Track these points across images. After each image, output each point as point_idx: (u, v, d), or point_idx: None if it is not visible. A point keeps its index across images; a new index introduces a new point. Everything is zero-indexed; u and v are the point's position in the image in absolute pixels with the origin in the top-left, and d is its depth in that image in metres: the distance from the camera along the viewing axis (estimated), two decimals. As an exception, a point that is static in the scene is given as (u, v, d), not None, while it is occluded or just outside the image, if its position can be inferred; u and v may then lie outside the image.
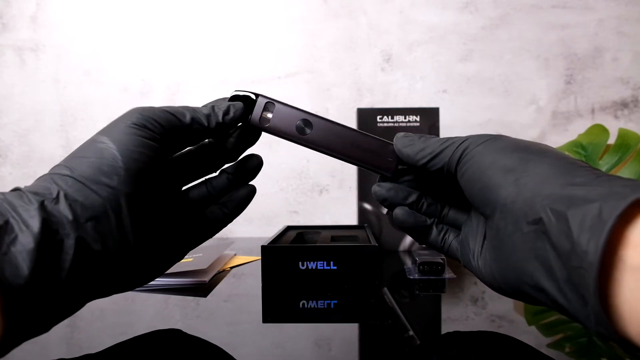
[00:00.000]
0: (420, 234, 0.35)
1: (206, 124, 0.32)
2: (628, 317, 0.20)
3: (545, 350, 0.32)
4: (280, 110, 0.35)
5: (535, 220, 0.24)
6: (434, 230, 0.35)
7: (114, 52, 0.92)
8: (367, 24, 0.91)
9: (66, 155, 0.30)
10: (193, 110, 0.32)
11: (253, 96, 0.35)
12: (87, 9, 0.92)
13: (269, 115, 0.35)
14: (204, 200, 0.35)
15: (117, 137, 0.29)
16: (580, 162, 0.27)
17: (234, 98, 0.35)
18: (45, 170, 0.28)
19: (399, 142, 0.34)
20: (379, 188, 0.35)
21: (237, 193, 0.36)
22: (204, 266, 0.51)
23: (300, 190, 0.92)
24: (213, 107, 0.33)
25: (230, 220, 0.36)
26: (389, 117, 0.68)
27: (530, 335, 0.36)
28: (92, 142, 0.29)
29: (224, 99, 0.35)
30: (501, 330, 0.36)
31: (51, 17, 0.92)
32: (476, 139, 0.30)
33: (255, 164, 0.36)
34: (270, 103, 0.35)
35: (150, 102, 0.92)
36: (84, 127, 0.93)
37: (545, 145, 0.30)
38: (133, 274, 0.30)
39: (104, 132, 0.30)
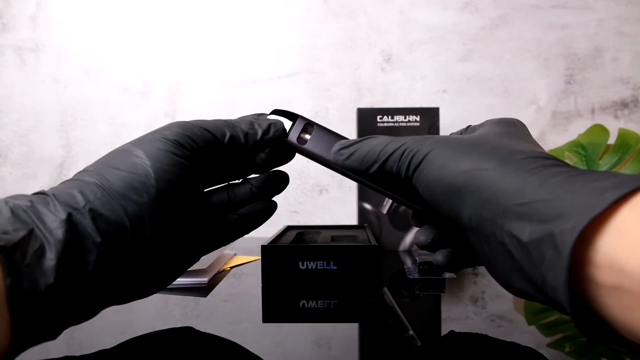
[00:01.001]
0: (460, 266, 0.33)
1: (243, 141, 0.32)
2: (620, 328, 0.20)
3: (545, 350, 0.32)
4: (318, 133, 0.34)
5: (503, 242, 0.23)
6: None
7: (114, 52, 0.92)
8: (367, 24, 0.91)
9: (66, 155, 0.29)
10: (232, 127, 0.31)
11: (292, 117, 0.34)
12: (87, 9, 0.92)
13: (307, 137, 0.34)
14: (223, 207, 0.35)
15: (153, 152, 0.28)
16: (529, 156, 0.25)
17: (274, 114, 0.34)
18: (45, 170, 0.28)
19: (338, 157, 0.32)
20: (424, 237, 0.32)
21: (257, 207, 0.35)
22: (204, 266, 0.51)
23: (300, 190, 0.92)
24: (253, 123, 0.32)
25: (246, 232, 0.36)
26: (389, 117, 0.68)
27: (530, 335, 0.36)
28: (126, 153, 0.28)
29: (262, 114, 0.35)
30: (501, 330, 0.36)
31: (51, 17, 0.92)
32: (421, 145, 0.28)
33: (281, 182, 0.36)
34: (309, 125, 0.34)
35: (150, 102, 0.92)
36: (84, 127, 0.93)
37: (500, 138, 0.28)
38: (150, 282, 0.30)
39: (139, 144, 0.29)
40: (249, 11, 0.92)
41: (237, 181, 0.36)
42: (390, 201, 0.37)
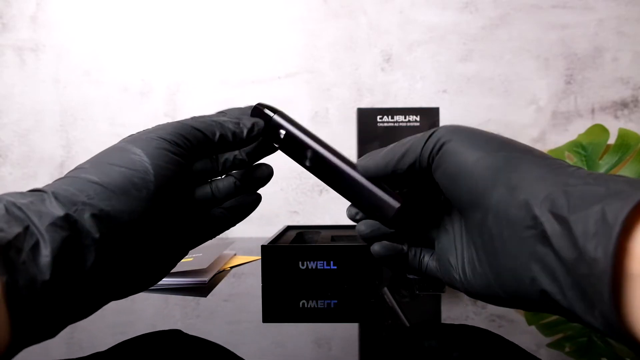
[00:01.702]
0: (398, 264, 0.34)
1: (231, 140, 0.32)
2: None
3: (545, 350, 0.32)
4: (290, 133, 0.35)
5: (534, 224, 0.23)
6: (410, 255, 0.34)
7: (114, 52, 0.92)
8: (367, 24, 0.91)
9: (66, 155, 0.30)
10: (221, 127, 0.32)
11: (271, 112, 0.35)
12: (87, 9, 0.92)
13: (282, 134, 0.35)
14: (207, 202, 0.35)
15: (150, 150, 0.28)
16: (564, 162, 0.26)
17: (256, 109, 0.35)
18: (45, 170, 0.28)
19: (363, 163, 0.33)
20: (364, 227, 0.34)
21: (242, 200, 0.36)
22: (204, 266, 0.51)
23: (300, 190, 0.92)
24: (238, 123, 0.33)
25: (232, 225, 0.36)
26: (389, 117, 0.68)
27: (531, 335, 0.36)
28: (123, 150, 0.29)
29: (244, 110, 0.35)
30: (501, 330, 0.36)
31: (51, 17, 0.92)
32: (448, 130, 0.29)
33: (265, 175, 0.36)
34: (285, 120, 0.35)
35: (150, 102, 0.92)
36: (84, 127, 0.93)
37: (520, 142, 0.29)
38: (146, 276, 0.31)
39: (135, 142, 0.29)
40: (249, 11, 0.92)
41: (220, 177, 0.36)
42: None
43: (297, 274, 0.48)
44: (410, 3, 0.91)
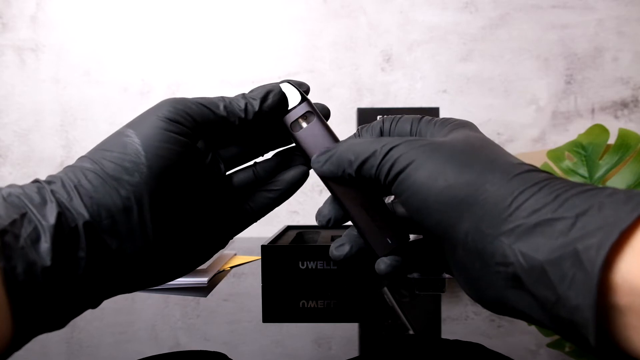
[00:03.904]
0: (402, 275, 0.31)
1: (243, 115, 0.30)
2: (633, 350, 0.19)
3: (545, 350, 0.32)
4: (315, 126, 0.31)
5: (504, 262, 0.22)
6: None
7: (114, 52, 0.92)
8: (367, 24, 0.91)
9: (66, 155, 0.29)
10: (229, 100, 0.30)
11: (300, 96, 0.32)
12: (87, 9, 0.92)
13: (303, 125, 0.31)
14: (249, 185, 0.33)
15: (144, 131, 0.27)
16: (533, 171, 0.23)
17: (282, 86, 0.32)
18: (45, 170, 0.28)
19: (315, 164, 0.31)
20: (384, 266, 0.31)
21: (286, 174, 0.33)
22: (204, 266, 0.51)
23: (300, 190, 0.92)
24: (245, 95, 0.31)
25: (277, 205, 0.34)
26: (389, 117, 0.68)
27: (531, 335, 0.36)
28: (118, 134, 0.27)
29: (266, 87, 0.32)
30: (501, 330, 0.36)
31: (51, 17, 0.92)
32: (407, 149, 0.26)
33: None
34: (310, 113, 0.31)
35: (150, 102, 0.92)
36: (84, 127, 0.93)
37: (489, 146, 0.26)
38: (159, 270, 0.29)
39: (131, 124, 0.28)
40: (249, 11, 0.92)
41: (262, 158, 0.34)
42: (392, 199, 0.35)
43: (297, 274, 0.48)
44: (410, 3, 0.91)
